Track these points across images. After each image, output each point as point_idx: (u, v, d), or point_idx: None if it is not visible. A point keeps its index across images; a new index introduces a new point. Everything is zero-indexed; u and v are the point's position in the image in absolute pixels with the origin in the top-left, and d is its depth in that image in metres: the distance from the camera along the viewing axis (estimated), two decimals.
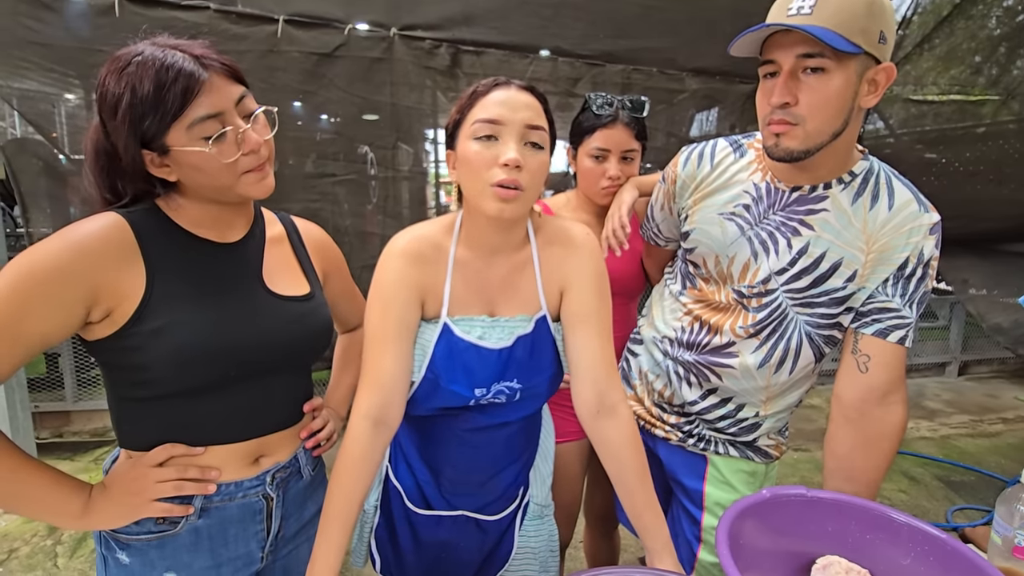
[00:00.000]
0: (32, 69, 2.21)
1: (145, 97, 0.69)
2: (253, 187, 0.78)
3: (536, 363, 0.90)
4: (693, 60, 2.82)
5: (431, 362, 0.86)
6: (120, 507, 0.78)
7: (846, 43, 0.82)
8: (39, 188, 2.39)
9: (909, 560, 0.78)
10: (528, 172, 0.80)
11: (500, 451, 0.97)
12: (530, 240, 0.91)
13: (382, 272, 0.87)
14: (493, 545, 1.04)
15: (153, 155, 0.74)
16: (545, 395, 0.95)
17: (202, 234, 0.81)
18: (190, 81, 0.70)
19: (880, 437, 0.96)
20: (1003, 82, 2.67)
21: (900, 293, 0.94)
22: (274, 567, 0.92)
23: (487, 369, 0.87)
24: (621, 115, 1.32)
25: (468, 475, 0.97)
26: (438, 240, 0.89)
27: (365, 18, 2.43)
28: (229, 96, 0.74)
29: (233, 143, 0.74)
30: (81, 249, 0.70)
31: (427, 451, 0.97)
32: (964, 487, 2.81)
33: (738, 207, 1.04)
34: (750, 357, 1.04)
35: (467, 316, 0.88)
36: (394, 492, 1.01)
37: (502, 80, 0.83)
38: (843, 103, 0.87)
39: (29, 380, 2.77)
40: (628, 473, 0.89)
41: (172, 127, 0.71)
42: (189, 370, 0.76)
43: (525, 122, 0.80)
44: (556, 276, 0.91)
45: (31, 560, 2.10)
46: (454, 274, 0.87)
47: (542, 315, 0.91)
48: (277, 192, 0.83)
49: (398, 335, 0.85)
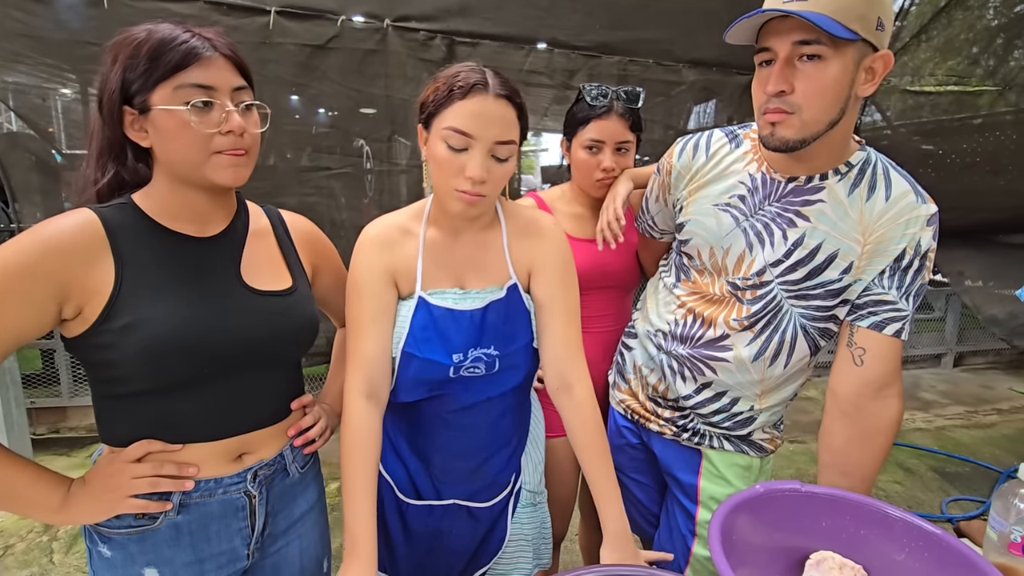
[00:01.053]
0: (23, 62, 2.19)
1: (147, 50, 0.72)
2: (222, 171, 0.77)
3: (511, 329, 0.94)
4: (690, 52, 2.79)
5: (409, 334, 0.91)
6: (97, 502, 0.77)
7: (843, 29, 0.80)
8: (31, 183, 2.37)
9: (904, 556, 0.78)
10: (491, 183, 0.85)
11: (487, 435, 0.99)
12: (499, 219, 0.97)
13: (355, 261, 0.93)
14: (485, 533, 1.05)
15: (134, 114, 0.74)
16: (523, 366, 0.97)
17: (178, 228, 0.80)
18: (193, 50, 0.73)
19: (875, 431, 0.95)
20: (1000, 73, 2.67)
21: (897, 285, 0.93)
22: (263, 564, 0.91)
23: (462, 333, 0.91)
24: (616, 106, 1.30)
25: (457, 461, 0.99)
26: (407, 225, 0.95)
27: (358, 9, 2.40)
28: (227, 80, 0.76)
29: (215, 119, 0.74)
30: (50, 246, 0.70)
31: (415, 440, 1.00)
32: (959, 478, 2.82)
33: (733, 198, 1.02)
34: (744, 350, 1.03)
35: (439, 289, 0.93)
36: (384, 484, 1.01)
37: (481, 82, 0.82)
38: (840, 91, 0.86)
39: (24, 376, 2.76)
40: (583, 452, 0.96)
41: (160, 85, 0.72)
42: (160, 367, 0.75)
43: (495, 139, 0.83)
44: (525, 259, 0.97)
45: (27, 556, 2.09)
46: (424, 253, 0.93)
47: (512, 283, 0.95)
48: (272, 186, 0.82)
49: (375, 318, 0.91)
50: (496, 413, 0.99)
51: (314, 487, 0.99)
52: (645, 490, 1.30)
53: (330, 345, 1.12)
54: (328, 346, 1.13)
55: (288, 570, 0.94)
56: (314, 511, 0.98)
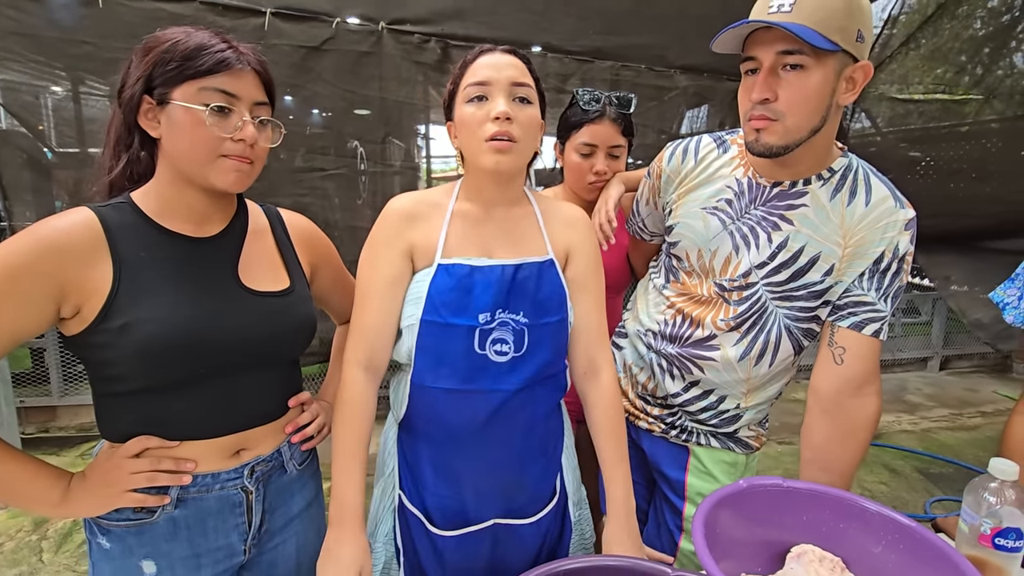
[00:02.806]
0: (15, 60, 2.18)
1: (182, 50, 0.75)
2: (224, 174, 0.78)
3: (543, 301, 0.91)
4: (683, 57, 2.83)
5: (428, 301, 0.87)
6: (96, 496, 0.79)
7: (824, 40, 0.83)
8: (22, 181, 2.36)
9: (880, 548, 0.80)
10: (519, 124, 0.85)
11: (521, 442, 0.93)
12: (531, 201, 0.97)
13: (376, 229, 0.91)
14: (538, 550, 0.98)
15: (152, 104, 0.76)
16: (551, 349, 0.91)
17: (176, 228, 0.81)
18: (226, 59, 0.76)
19: (855, 428, 0.98)
20: (986, 82, 2.71)
21: (876, 287, 0.96)
22: (260, 560, 0.92)
23: (490, 291, 0.87)
24: (608, 111, 1.33)
25: (491, 476, 0.93)
26: (437, 199, 0.93)
27: (353, 11, 2.42)
28: (250, 93, 0.79)
29: (230, 125, 0.77)
30: (48, 246, 0.71)
31: (440, 461, 0.92)
32: (943, 479, 2.87)
33: (720, 201, 1.05)
34: (731, 350, 1.06)
35: (463, 257, 0.89)
36: (413, 520, 0.94)
37: (487, 47, 0.89)
38: (822, 100, 0.89)
39: (14, 375, 2.74)
40: (600, 432, 0.97)
41: (186, 83, 0.75)
42: (156, 366, 0.76)
43: (511, 80, 0.85)
44: (563, 241, 0.95)
45: (16, 555, 2.08)
46: (451, 222, 0.91)
47: (550, 258, 0.93)
48: (266, 186, 0.84)
49: (383, 290, 0.89)
50: (527, 416, 0.92)
51: (312, 484, 1.00)
52: (634, 487, 1.31)
53: (324, 345, 1.13)
54: (323, 346, 1.14)
55: (285, 566, 0.94)
56: (312, 508, 0.99)
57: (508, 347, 0.88)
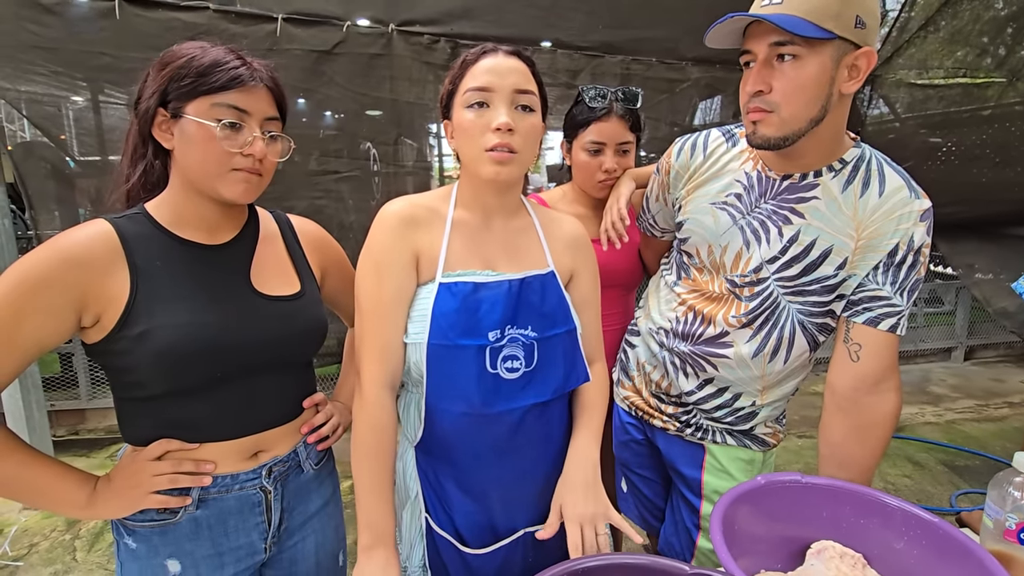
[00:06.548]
0: (37, 72, 2.24)
1: (197, 66, 0.77)
2: (233, 185, 0.80)
3: (549, 314, 0.89)
4: (694, 49, 2.80)
5: (433, 321, 0.83)
6: (121, 499, 0.81)
7: (816, 29, 0.82)
8: (47, 191, 2.43)
9: (902, 544, 0.79)
10: (520, 135, 0.83)
11: (543, 452, 0.93)
12: (529, 212, 0.96)
13: (374, 237, 0.86)
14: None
15: (166, 116, 0.78)
16: (562, 362, 0.90)
17: (189, 236, 0.83)
18: (239, 76, 0.78)
19: (873, 425, 0.97)
20: (1009, 63, 2.63)
21: (891, 281, 0.95)
22: (280, 558, 0.95)
23: (496, 308, 0.85)
24: (615, 107, 1.32)
25: (518, 486, 0.92)
26: (434, 205, 0.90)
27: (363, 14, 2.43)
28: (261, 109, 0.81)
29: (240, 141, 0.78)
30: (68, 258, 0.73)
31: (467, 481, 0.91)
32: (969, 471, 2.82)
33: (730, 196, 1.04)
34: (744, 347, 1.05)
35: (466, 271, 0.86)
36: (443, 543, 0.93)
37: (489, 47, 0.85)
38: (819, 89, 0.87)
39: (44, 379, 2.82)
40: (579, 406, 0.97)
41: (200, 98, 0.77)
42: (174, 372, 0.78)
43: (514, 87, 0.82)
44: (566, 261, 0.95)
45: (51, 554, 2.15)
46: (452, 234, 0.88)
47: (551, 271, 0.92)
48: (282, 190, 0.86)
49: (395, 302, 0.85)
50: (546, 427, 0.93)
51: (329, 483, 1.02)
52: (650, 485, 1.32)
53: (340, 346, 1.15)
54: (338, 347, 1.16)
55: (305, 563, 0.97)
56: (329, 506, 1.01)
57: (519, 363, 0.87)
